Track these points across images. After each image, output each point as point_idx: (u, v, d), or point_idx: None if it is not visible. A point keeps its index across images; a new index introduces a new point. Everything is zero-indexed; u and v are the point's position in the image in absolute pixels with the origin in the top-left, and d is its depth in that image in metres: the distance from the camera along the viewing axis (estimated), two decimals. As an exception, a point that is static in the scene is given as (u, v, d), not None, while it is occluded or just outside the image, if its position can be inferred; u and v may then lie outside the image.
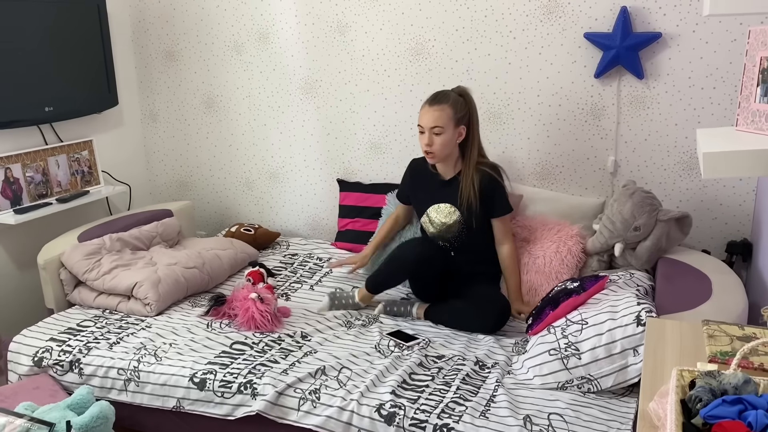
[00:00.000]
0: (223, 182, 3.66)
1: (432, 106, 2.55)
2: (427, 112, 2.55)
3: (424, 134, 2.57)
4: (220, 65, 3.46)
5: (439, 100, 2.56)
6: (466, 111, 2.60)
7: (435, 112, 2.54)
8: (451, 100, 2.56)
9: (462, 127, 2.58)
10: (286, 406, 2.02)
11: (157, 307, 2.57)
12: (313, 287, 2.87)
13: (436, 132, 2.54)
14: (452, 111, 2.54)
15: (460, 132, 2.58)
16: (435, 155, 2.59)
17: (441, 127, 2.53)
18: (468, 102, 2.62)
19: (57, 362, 2.33)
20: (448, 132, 2.55)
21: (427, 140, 2.56)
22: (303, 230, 3.54)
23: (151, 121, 3.71)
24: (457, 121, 2.56)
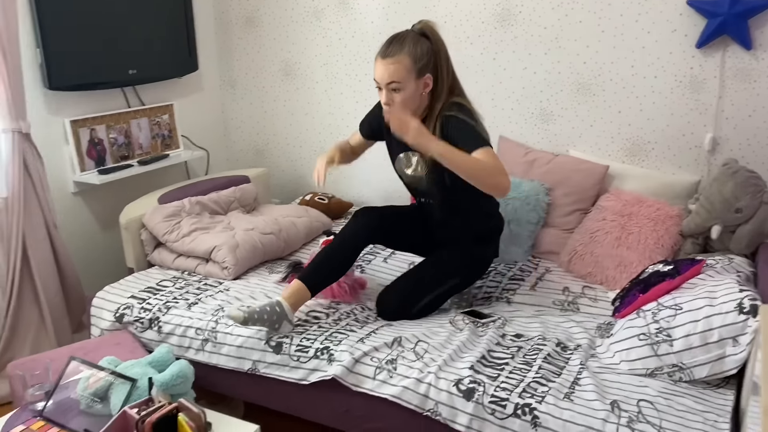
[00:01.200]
0: (299, 151, 3.64)
1: (385, 59, 2.07)
2: (381, 66, 2.08)
3: (380, 91, 2.13)
4: (299, 31, 3.43)
5: (392, 51, 2.07)
6: (430, 55, 2.11)
7: (390, 65, 2.06)
8: (407, 47, 2.07)
9: (427, 77, 2.11)
10: (361, 374, 1.99)
11: (234, 271, 2.58)
12: (386, 259, 2.82)
13: (393, 88, 2.08)
14: (411, 61, 2.06)
15: (426, 82, 2.12)
16: (392, 118, 2.10)
17: (398, 82, 2.07)
18: (433, 42, 2.13)
19: (137, 319, 2.38)
20: (409, 87, 2.08)
21: (386, 98, 2.11)
22: (375, 201, 3.49)
23: (229, 88, 3.73)
24: (418, 71, 2.08)
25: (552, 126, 2.96)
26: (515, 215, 2.72)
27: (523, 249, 2.74)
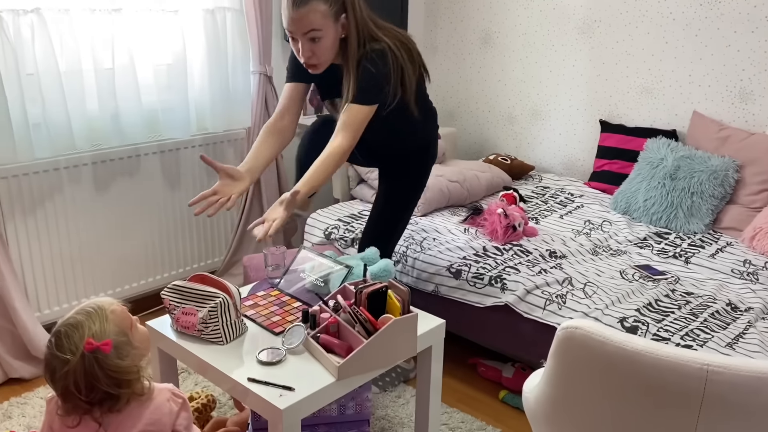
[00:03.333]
0: (487, 115, 3.90)
1: (299, 8, 1.89)
2: (294, 14, 1.91)
3: (296, 41, 1.97)
4: (502, 2, 3.66)
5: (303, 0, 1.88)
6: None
7: (304, 14, 1.90)
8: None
9: (343, 17, 1.97)
10: (532, 304, 2.23)
11: (423, 209, 2.93)
12: (563, 216, 3.01)
13: (312, 37, 1.94)
14: (325, 6, 1.92)
15: (343, 23, 1.99)
16: (319, 65, 2.02)
17: (318, 30, 1.92)
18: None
19: (342, 237, 2.81)
20: (329, 33, 1.95)
21: (305, 50, 1.96)
22: (557, 168, 3.66)
23: (431, 54, 4.07)
24: (335, 14, 1.95)
25: (750, 105, 2.93)
26: (699, 188, 2.77)
27: (704, 222, 2.78)
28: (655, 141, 3.03)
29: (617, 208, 3.03)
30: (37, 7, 2.30)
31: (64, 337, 1.31)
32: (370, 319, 1.68)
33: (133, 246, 2.85)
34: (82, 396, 1.31)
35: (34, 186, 2.48)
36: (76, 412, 1.34)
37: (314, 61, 2.00)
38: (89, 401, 1.32)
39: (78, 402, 1.32)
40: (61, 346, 1.30)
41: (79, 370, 1.28)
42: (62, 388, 1.31)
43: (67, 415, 1.34)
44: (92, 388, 1.30)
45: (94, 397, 1.31)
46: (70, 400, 1.33)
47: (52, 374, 1.32)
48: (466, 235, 2.72)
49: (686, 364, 1.08)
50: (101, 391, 1.31)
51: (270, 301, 2.03)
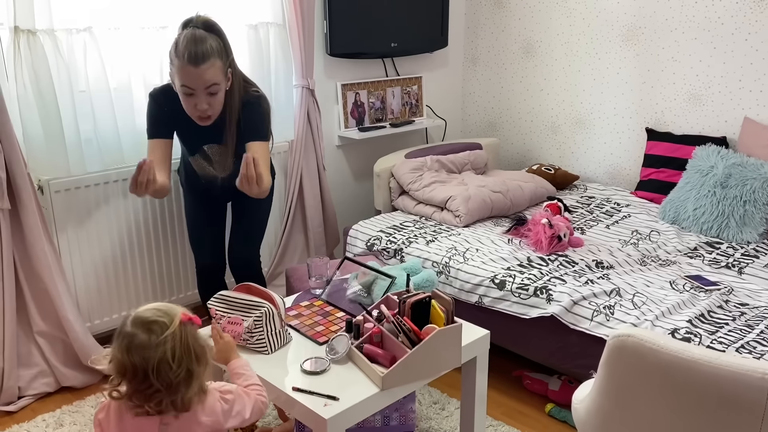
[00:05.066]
0: (529, 125, 3.86)
1: (200, 65, 2.07)
2: (197, 72, 2.07)
3: (193, 96, 2.12)
4: (544, 11, 3.64)
5: (204, 56, 2.07)
6: (225, 50, 2.17)
7: (207, 70, 2.08)
8: (214, 48, 2.11)
9: (230, 71, 2.21)
10: (579, 315, 2.19)
11: (465, 220, 2.91)
12: (609, 226, 2.95)
13: (212, 92, 2.14)
14: (221, 61, 2.13)
15: (229, 77, 2.22)
16: (212, 116, 2.21)
17: (218, 84, 2.13)
18: (221, 35, 2.18)
19: (384, 249, 2.81)
20: (223, 86, 2.18)
21: (203, 103, 2.13)
22: (602, 178, 3.59)
23: (471, 64, 4.06)
24: (226, 69, 2.18)
25: (806, 110, 2.83)
26: (752, 196, 2.68)
27: (758, 231, 2.69)
28: (705, 149, 2.94)
29: (665, 217, 2.95)
30: (89, 26, 2.39)
31: (151, 323, 1.32)
32: (414, 329, 1.66)
33: (181, 257, 2.90)
34: (150, 389, 1.30)
35: (86, 199, 2.56)
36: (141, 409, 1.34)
37: (210, 112, 2.18)
38: (164, 388, 1.31)
39: (149, 393, 1.31)
40: (154, 323, 1.32)
41: (176, 339, 1.31)
42: (135, 380, 1.30)
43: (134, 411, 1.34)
44: (180, 363, 1.31)
45: (172, 380, 1.31)
46: (141, 392, 1.31)
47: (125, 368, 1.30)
48: (509, 245, 2.69)
49: (747, 374, 1.04)
50: (180, 375, 1.31)
51: (313, 311, 2.04)
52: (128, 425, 1.37)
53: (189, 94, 2.12)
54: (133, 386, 1.32)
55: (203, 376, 1.38)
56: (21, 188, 2.30)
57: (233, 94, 2.24)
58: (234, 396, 1.46)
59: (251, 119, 2.28)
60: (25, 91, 2.29)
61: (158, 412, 1.34)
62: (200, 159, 2.41)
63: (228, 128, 2.27)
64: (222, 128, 2.28)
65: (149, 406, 1.33)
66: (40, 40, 2.27)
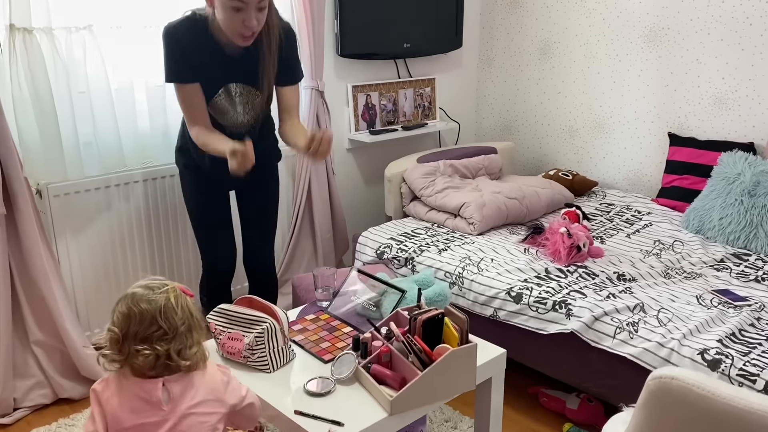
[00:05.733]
0: (546, 129, 3.74)
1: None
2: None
3: (242, 11, 1.94)
4: (562, 12, 3.51)
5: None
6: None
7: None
8: None
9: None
10: (600, 332, 2.06)
11: (479, 227, 2.79)
12: (630, 235, 2.82)
13: (261, 6, 1.97)
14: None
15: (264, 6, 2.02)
16: (255, 35, 2.02)
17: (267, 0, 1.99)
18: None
19: (395, 257, 2.70)
20: (272, 4, 2.04)
21: (252, 20, 1.95)
22: (622, 184, 3.46)
23: (486, 66, 3.94)
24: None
25: (840, 115, 2.69)
26: (784, 206, 2.55)
27: (789, 243, 2.55)
28: (731, 155, 2.81)
29: (689, 226, 2.82)
30: (90, 24, 2.30)
31: (148, 285, 1.38)
32: (426, 349, 1.55)
33: (185, 263, 2.81)
34: (158, 332, 1.32)
35: (86, 203, 2.47)
36: (143, 369, 1.34)
37: (258, 28, 1.99)
38: (171, 333, 1.34)
39: (159, 336, 1.33)
40: (151, 285, 1.38)
41: (176, 294, 1.38)
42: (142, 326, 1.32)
43: (135, 374, 1.35)
44: (183, 311, 1.36)
45: (178, 325, 1.35)
46: (148, 338, 1.32)
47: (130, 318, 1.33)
48: (526, 255, 2.57)
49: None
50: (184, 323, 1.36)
51: (319, 326, 1.93)
52: (129, 393, 1.35)
53: (239, 9, 1.93)
54: (139, 334, 1.32)
55: (203, 342, 1.40)
56: (17, 193, 2.21)
57: (272, 16, 2.05)
58: (230, 373, 1.47)
59: (291, 53, 2.12)
60: (20, 92, 2.20)
61: (159, 374, 1.34)
62: (223, 101, 2.15)
63: (266, 58, 2.08)
64: (253, 62, 2.08)
65: (153, 364, 1.32)
66: (36, 38, 2.18)
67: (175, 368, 1.35)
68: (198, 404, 1.37)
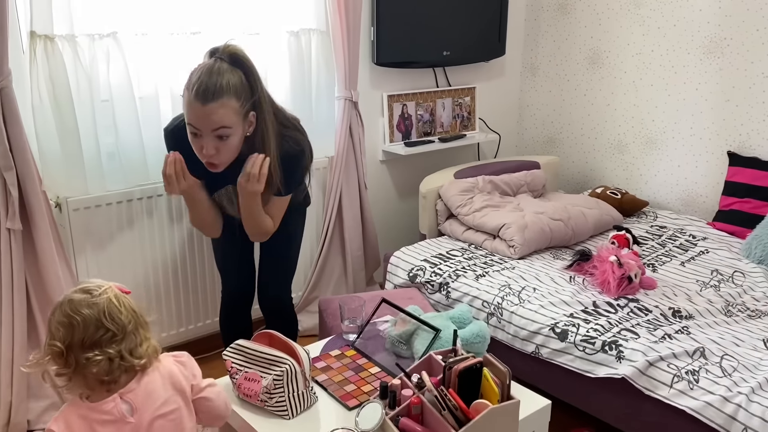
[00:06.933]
0: (593, 143, 3.52)
1: (207, 104, 1.72)
2: (203, 111, 1.73)
3: (199, 137, 1.78)
4: (614, 19, 3.29)
5: (215, 93, 1.72)
6: (249, 89, 1.80)
7: (217, 110, 1.73)
8: (231, 86, 1.75)
9: (252, 114, 1.84)
10: (656, 379, 1.86)
11: (521, 251, 2.60)
12: (684, 264, 2.60)
13: (220, 135, 1.77)
14: (237, 101, 1.77)
15: (251, 121, 1.85)
16: (220, 165, 1.85)
17: (228, 127, 1.77)
18: (248, 71, 1.80)
19: (428, 281, 2.53)
20: (237, 131, 1.80)
21: (210, 148, 1.77)
22: (674, 204, 3.23)
23: (530, 74, 3.74)
24: (246, 112, 1.81)
25: None
26: None
27: None
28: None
29: (751, 255, 2.59)
30: (114, 31, 2.19)
31: (83, 288, 1.29)
32: (461, 405, 1.38)
33: (209, 282, 2.68)
34: (106, 335, 1.25)
35: (107, 218, 2.36)
36: (99, 387, 1.27)
37: (216, 160, 1.83)
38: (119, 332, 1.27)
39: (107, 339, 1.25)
40: (86, 288, 1.29)
41: (115, 293, 1.30)
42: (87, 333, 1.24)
43: (92, 391, 1.27)
44: (127, 309, 1.30)
45: (125, 323, 1.28)
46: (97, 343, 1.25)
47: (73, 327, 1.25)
48: (572, 285, 2.37)
49: None
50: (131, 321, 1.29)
51: (344, 364, 1.77)
52: (90, 422, 1.26)
53: (194, 134, 1.80)
54: (86, 341, 1.24)
55: (151, 338, 1.34)
56: (34, 207, 2.11)
57: (267, 140, 1.87)
58: (186, 358, 1.41)
59: (287, 175, 1.94)
60: (41, 101, 2.09)
61: (116, 378, 1.27)
62: (221, 198, 2.08)
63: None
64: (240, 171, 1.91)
65: (107, 369, 1.25)
66: (58, 46, 2.07)
67: (131, 368, 1.29)
68: (163, 404, 1.32)
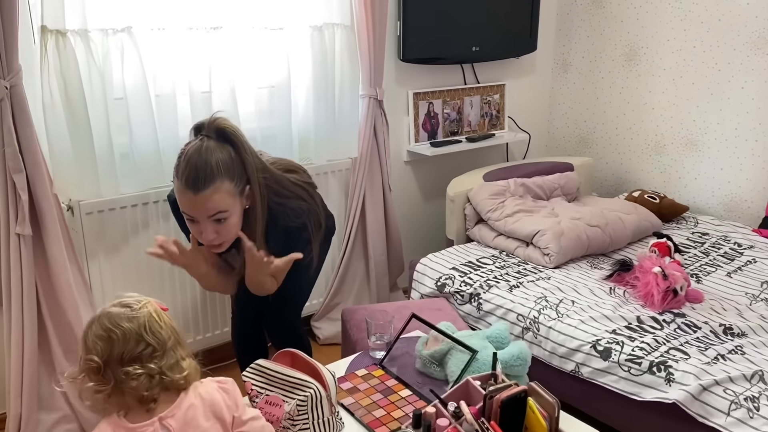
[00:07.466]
0: (629, 143, 3.35)
1: (200, 193, 1.61)
2: (195, 201, 1.63)
3: (197, 223, 1.68)
4: (653, 13, 3.12)
5: (206, 180, 1.61)
6: (241, 164, 1.68)
7: (211, 197, 1.62)
8: (222, 166, 1.63)
9: (247, 189, 1.72)
10: (711, 405, 1.71)
11: (556, 260, 2.45)
12: (730, 274, 2.43)
13: (218, 219, 1.67)
14: (231, 182, 1.65)
15: (248, 196, 1.73)
16: (224, 244, 1.75)
17: (225, 211, 1.66)
18: (237, 145, 1.68)
19: (458, 291, 2.39)
20: (235, 210, 1.69)
21: (209, 233, 1.68)
22: (716, 209, 3.05)
23: (562, 71, 3.58)
24: (241, 190, 1.70)
25: None
26: None
27: None
28: None
29: (803, 266, 2.42)
30: (129, 25, 2.07)
31: (122, 303, 1.24)
32: (506, 441, 1.25)
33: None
34: (147, 350, 1.19)
35: (121, 222, 2.25)
36: (138, 407, 1.19)
37: (219, 241, 1.73)
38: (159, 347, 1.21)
39: (147, 354, 1.19)
40: (125, 303, 1.24)
41: (154, 308, 1.25)
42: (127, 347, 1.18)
43: (130, 410, 1.20)
44: (167, 324, 1.25)
45: (165, 339, 1.22)
46: (137, 357, 1.18)
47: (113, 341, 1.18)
48: (612, 297, 2.22)
49: None
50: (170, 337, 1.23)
51: (372, 386, 1.64)
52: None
53: (191, 221, 1.69)
54: (125, 356, 1.18)
55: (191, 357, 1.28)
56: (45, 211, 2.00)
57: (257, 218, 1.76)
58: (230, 385, 1.30)
59: (284, 250, 1.81)
60: (51, 99, 1.98)
61: (155, 396, 1.19)
62: (223, 261, 1.96)
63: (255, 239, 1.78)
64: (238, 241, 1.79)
65: (147, 385, 1.17)
66: (70, 41, 1.96)
67: (172, 385, 1.21)
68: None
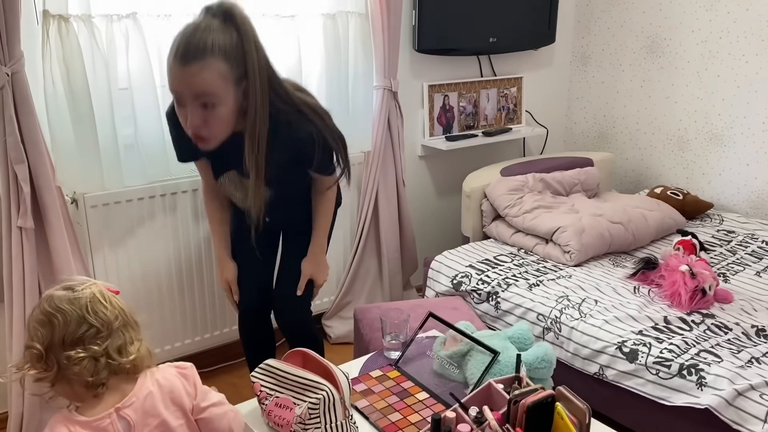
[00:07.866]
0: (650, 138, 3.24)
1: (187, 66, 1.45)
2: (180, 74, 1.47)
3: (183, 106, 1.53)
4: (676, 3, 3.01)
5: (195, 53, 1.45)
6: (242, 53, 1.50)
7: (198, 73, 1.46)
8: (216, 46, 1.46)
9: (245, 83, 1.54)
10: (746, 412, 1.61)
11: (577, 257, 2.36)
12: (759, 273, 2.33)
13: (204, 103, 1.50)
14: (225, 64, 1.49)
15: (245, 92, 1.54)
16: (210, 140, 1.58)
17: (211, 94, 1.49)
18: (244, 33, 1.50)
19: (475, 290, 2.30)
20: (227, 100, 1.52)
21: (194, 118, 1.51)
22: (741, 206, 2.94)
23: (581, 64, 3.47)
24: (237, 79, 1.51)
25: None
26: None
27: None
28: None
29: (836, 265, 2.31)
30: (134, 11, 1.99)
31: (66, 286, 1.17)
32: (534, 451, 1.16)
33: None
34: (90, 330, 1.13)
35: (127, 215, 2.18)
36: (86, 393, 1.14)
37: (204, 132, 1.55)
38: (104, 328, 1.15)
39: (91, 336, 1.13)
40: (69, 285, 1.17)
41: (100, 289, 1.19)
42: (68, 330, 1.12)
43: (80, 400, 1.15)
44: (112, 305, 1.19)
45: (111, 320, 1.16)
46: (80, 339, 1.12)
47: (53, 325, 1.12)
48: (637, 297, 2.12)
49: None
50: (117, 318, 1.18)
51: (387, 388, 1.56)
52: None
53: (179, 102, 1.55)
54: (67, 339, 1.11)
55: (143, 340, 1.22)
56: (48, 204, 1.93)
57: (254, 122, 1.58)
58: (190, 371, 1.25)
59: (305, 154, 1.71)
60: (54, 89, 1.91)
61: (102, 379, 1.13)
62: (226, 185, 1.85)
63: (248, 156, 1.62)
64: (240, 149, 1.64)
65: (92, 369, 1.12)
66: (73, 27, 1.88)
67: (120, 369, 1.16)
68: (161, 423, 1.18)
